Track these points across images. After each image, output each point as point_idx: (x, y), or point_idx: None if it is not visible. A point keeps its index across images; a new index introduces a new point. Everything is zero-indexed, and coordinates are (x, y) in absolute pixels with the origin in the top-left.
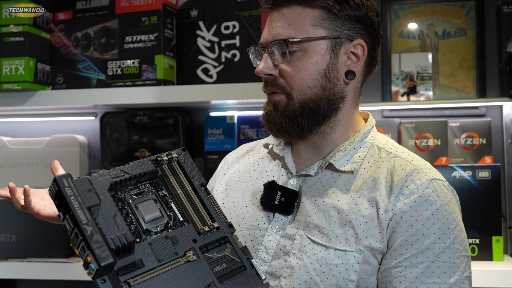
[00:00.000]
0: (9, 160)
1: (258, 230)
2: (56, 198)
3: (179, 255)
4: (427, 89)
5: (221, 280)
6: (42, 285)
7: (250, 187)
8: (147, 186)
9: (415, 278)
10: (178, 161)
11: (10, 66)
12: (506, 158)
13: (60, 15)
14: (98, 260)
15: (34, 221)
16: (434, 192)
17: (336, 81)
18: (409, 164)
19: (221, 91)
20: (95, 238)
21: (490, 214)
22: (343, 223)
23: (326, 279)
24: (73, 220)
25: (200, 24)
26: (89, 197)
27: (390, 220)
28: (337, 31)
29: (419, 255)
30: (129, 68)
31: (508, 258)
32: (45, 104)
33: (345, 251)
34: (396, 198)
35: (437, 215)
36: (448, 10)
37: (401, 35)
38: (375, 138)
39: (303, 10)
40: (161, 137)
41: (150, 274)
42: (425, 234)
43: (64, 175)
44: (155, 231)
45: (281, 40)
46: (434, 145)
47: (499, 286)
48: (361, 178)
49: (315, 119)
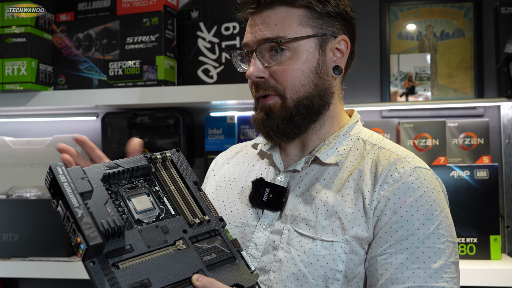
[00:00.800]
0: (11, 160)
1: (248, 227)
2: (51, 186)
3: (168, 243)
4: (425, 90)
5: (210, 268)
6: (44, 284)
7: (239, 186)
8: (140, 182)
9: (400, 264)
10: (172, 160)
11: (12, 66)
12: (503, 158)
13: (62, 16)
14: (87, 240)
15: (36, 220)
16: (418, 179)
17: (326, 77)
18: (393, 154)
19: (221, 92)
20: (85, 220)
21: (488, 213)
22: (329, 214)
23: (314, 270)
24: (65, 204)
25: (201, 25)
26: (82, 184)
27: (375, 208)
28: (322, 29)
29: (404, 241)
30: (130, 69)
31: (506, 257)
32: (47, 104)
33: (332, 242)
34: (380, 187)
35: (421, 201)
36: (446, 11)
37: (400, 36)
38: (360, 132)
39: (287, 10)
40: (162, 137)
41: (139, 259)
42: (409, 220)
43: (59, 164)
44: (146, 222)
45: (274, 40)
46: (432, 145)
47: (497, 284)
48: (347, 170)
49: (310, 116)
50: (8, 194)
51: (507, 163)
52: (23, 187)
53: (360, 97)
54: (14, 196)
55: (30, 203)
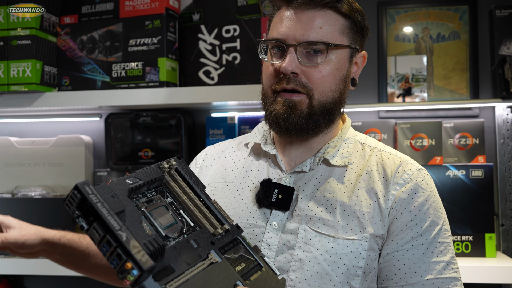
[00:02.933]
0: (16, 159)
1: (257, 228)
2: (78, 208)
3: (202, 257)
4: (422, 91)
5: (244, 278)
6: (48, 281)
7: (239, 187)
8: (153, 194)
9: (417, 259)
10: (177, 169)
11: (17, 68)
12: (498, 157)
13: (66, 19)
14: (141, 265)
15: (41, 219)
16: (424, 180)
17: (348, 87)
18: (395, 157)
19: (222, 93)
20: (132, 243)
21: (483, 212)
22: (347, 214)
23: (337, 268)
24: (104, 227)
25: (202, 28)
26: (115, 203)
27: (391, 208)
28: (355, 41)
29: (419, 238)
30: (133, 71)
31: (501, 254)
32: (51, 105)
33: (353, 240)
34: (393, 188)
35: (429, 200)
36: (442, 14)
37: (397, 38)
38: (355, 135)
39: (334, 16)
40: (164, 137)
41: (182, 278)
42: (422, 218)
43: (85, 182)
44: (173, 237)
45: (323, 42)
46: (428, 145)
47: (491, 281)
48: (353, 171)
49: (328, 120)
50: (13, 193)
51: (501, 163)
52: (28, 186)
53: (358, 98)
54: (19, 195)
55: (34, 201)
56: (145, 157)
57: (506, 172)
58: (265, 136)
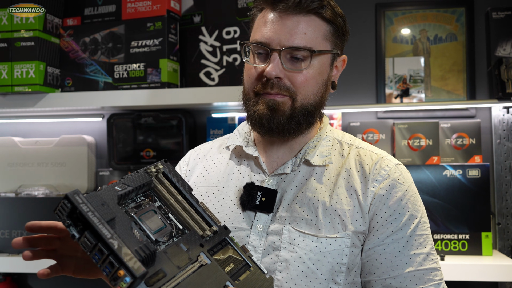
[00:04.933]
0: (20, 159)
1: (242, 231)
2: (69, 217)
3: (192, 260)
4: (419, 92)
5: (233, 279)
6: (51, 279)
7: (222, 190)
8: (141, 199)
9: (398, 252)
10: (164, 173)
11: (21, 69)
12: (494, 157)
13: (69, 21)
14: (133, 272)
15: (44, 217)
16: (401, 176)
17: (328, 90)
18: (373, 153)
19: (222, 94)
20: (124, 251)
21: (480, 211)
22: (329, 213)
23: (321, 266)
24: (95, 235)
25: (203, 30)
26: (105, 211)
27: (370, 204)
28: (337, 46)
29: (398, 232)
30: (135, 72)
31: (497, 253)
32: (54, 106)
33: (336, 238)
34: (371, 184)
35: (407, 195)
36: (440, 16)
37: (395, 40)
38: (333, 132)
39: (317, 21)
40: (165, 137)
41: (173, 281)
42: (401, 213)
43: (75, 192)
44: (162, 241)
45: (306, 49)
46: (426, 145)
47: (488, 279)
48: (333, 170)
49: (309, 122)
50: (17, 192)
51: (498, 163)
52: (32, 186)
53: (356, 98)
54: (23, 194)
55: (38, 201)
56: (146, 157)
57: (502, 171)
58: (246, 138)
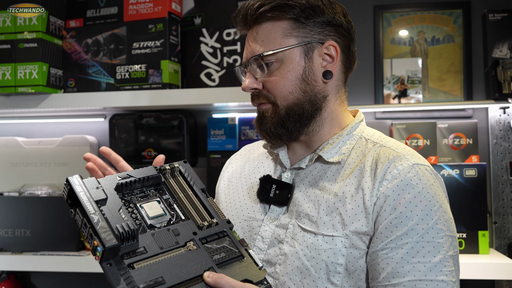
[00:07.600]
0: (23, 159)
1: (255, 221)
2: (68, 197)
3: (180, 244)
4: (417, 92)
5: (220, 266)
6: (54, 277)
7: (248, 182)
8: (151, 191)
9: (400, 258)
10: (180, 171)
11: (24, 70)
12: (491, 157)
13: (72, 23)
14: (104, 242)
15: (47, 216)
16: (416, 176)
17: (314, 82)
18: (393, 151)
19: (223, 94)
20: (101, 224)
21: (477, 210)
22: (330, 210)
23: (316, 263)
24: (82, 212)
25: (203, 31)
26: (97, 193)
27: (374, 204)
28: (307, 37)
29: (404, 237)
30: (137, 73)
31: (493, 251)
32: (57, 106)
33: (332, 237)
34: (379, 184)
35: (419, 197)
36: (437, 18)
37: (393, 41)
38: (363, 131)
39: (273, 24)
40: (166, 137)
41: (153, 259)
42: (408, 216)
43: (75, 176)
44: (158, 227)
45: (256, 56)
46: (423, 145)
47: (485, 278)
48: (349, 168)
49: (301, 121)
50: (20, 192)
51: (494, 162)
52: (35, 185)
53: (355, 99)
54: (26, 193)
55: (41, 200)
56: (148, 157)
57: (499, 171)
58: None
